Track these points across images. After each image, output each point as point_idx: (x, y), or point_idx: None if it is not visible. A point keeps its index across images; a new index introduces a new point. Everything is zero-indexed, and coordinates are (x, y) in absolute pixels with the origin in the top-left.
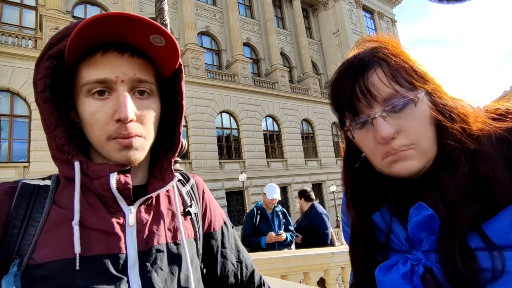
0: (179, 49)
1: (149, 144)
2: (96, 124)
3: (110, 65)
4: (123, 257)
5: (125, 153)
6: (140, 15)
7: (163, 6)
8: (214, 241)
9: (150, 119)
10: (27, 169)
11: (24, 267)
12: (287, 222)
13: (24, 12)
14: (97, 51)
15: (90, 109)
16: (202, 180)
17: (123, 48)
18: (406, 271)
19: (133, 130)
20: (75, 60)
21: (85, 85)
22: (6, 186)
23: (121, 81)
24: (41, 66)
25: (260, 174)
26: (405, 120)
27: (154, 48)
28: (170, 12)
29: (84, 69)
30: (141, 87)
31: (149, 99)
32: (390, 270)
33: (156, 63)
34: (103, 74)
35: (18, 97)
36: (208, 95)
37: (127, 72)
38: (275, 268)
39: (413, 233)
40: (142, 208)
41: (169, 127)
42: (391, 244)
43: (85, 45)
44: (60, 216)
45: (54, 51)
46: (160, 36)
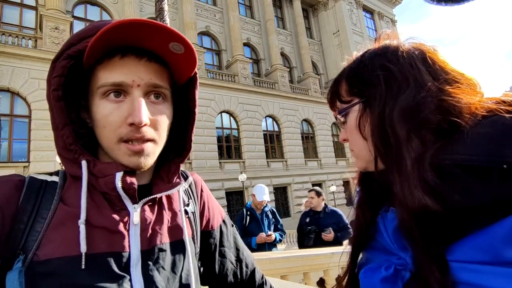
0: (197, 58)
1: (160, 150)
2: (108, 126)
3: (128, 69)
4: (126, 256)
5: (136, 159)
6: (161, 23)
7: (163, 6)
8: (212, 239)
9: (163, 124)
10: (27, 169)
11: (28, 263)
12: (276, 222)
13: (24, 12)
14: (115, 55)
15: (104, 111)
16: (200, 178)
17: (141, 53)
18: (387, 275)
19: (146, 134)
20: (92, 61)
21: (101, 87)
22: (15, 179)
23: (137, 85)
24: (57, 65)
25: (260, 174)
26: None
27: (172, 55)
28: (170, 12)
29: (101, 71)
30: (156, 91)
31: (163, 104)
32: (374, 273)
33: (173, 70)
34: (120, 78)
35: (18, 97)
36: (208, 95)
37: (144, 76)
38: (275, 268)
39: (395, 238)
40: (146, 207)
41: (180, 134)
42: (385, 245)
43: (104, 49)
44: (66, 213)
45: (72, 51)
46: (180, 44)
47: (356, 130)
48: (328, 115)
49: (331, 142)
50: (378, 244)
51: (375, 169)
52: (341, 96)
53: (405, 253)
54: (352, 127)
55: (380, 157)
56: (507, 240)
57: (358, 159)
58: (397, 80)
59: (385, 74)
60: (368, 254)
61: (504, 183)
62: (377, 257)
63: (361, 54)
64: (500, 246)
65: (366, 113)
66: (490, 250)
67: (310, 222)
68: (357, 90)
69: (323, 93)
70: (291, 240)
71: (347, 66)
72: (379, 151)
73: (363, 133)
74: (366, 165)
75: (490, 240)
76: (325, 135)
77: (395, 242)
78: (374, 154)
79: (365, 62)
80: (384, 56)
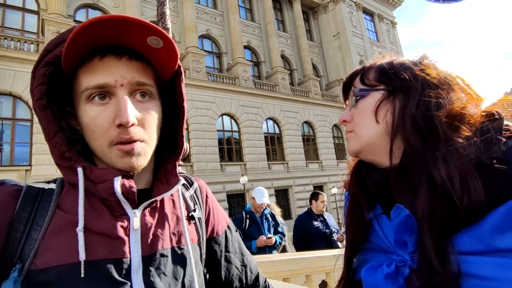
0: (177, 50)
1: (152, 149)
2: (97, 130)
3: (109, 69)
4: (127, 262)
5: (128, 160)
6: (136, 17)
7: (164, 10)
8: (217, 245)
9: (152, 123)
10: (29, 172)
11: (25, 272)
12: (276, 224)
13: (26, 16)
14: (94, 56)
15: (91, 115)
16: (205, 184)
17: (121, 52)
18: (389, 272)
19: (135, 135)
20: (72, 66)
21: (84, 91)
22: (11, 188)
23: (120, 85)
24: (37, 73)
25: (261, 176)
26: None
27: (152, 50)
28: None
29: (83, 75)
30: (141, 89)
31: (150, 101)
32: (376, 270)
33: (155, 65)
34: (101, 79)
35: (20, 100)
36: (209, 98)
37: (126, 75)
38: (277, 270)
39: (397, 235)
40: (146, 211)
41: (171, 131)
42: (382, 245)
43: (81, 50)
44: (63, 220)
45: (50, 57)
46: (157, 37)
47: (371, 113)
48: (328, 117)
49: (332, 144)
50: (373, 245)
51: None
52: (366, 79)
53: (403, 251)
54: (366, 109)
55: (410, 146)
56: (496, 229)
57: (356, 140)
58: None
59: (423, 74)
60: (362, 256)
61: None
62: (374, 257)
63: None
64: (489, 235)
65: (389, 100)
66: (483, 240)
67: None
68: (386, 79)
69: (323, 95)
70: (291, 243)
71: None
72: (409, 141)
73: (378, 117)
74: (362, 148)
75: (482, 230)
76: (326, 137)
77: (396, 240)
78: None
79: (394, 62)
80: (417, 65)
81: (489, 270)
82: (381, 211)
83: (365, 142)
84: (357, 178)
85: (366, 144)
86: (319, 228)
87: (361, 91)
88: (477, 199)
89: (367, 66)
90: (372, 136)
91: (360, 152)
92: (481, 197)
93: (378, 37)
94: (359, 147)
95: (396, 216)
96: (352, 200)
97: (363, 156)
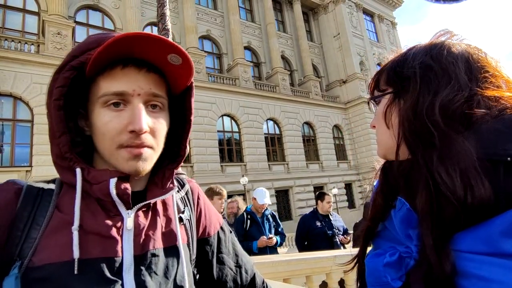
0: (193, 69)
1: (157, 156)
2: (108, 134)
3: (128, 79)
4: (119, 261)
5: (134, 163)
6: (161, 36)
7: (164, 11)
8: (208, 246)
9: (161, 132)
10: (29, 173)
11: (24, 269)
12: (277, 225)
13: (27, 17)
14: (116, 65)
15: (104, 119)
16: (197, 186)
17: (140, 64)
18: (389, 261)
19: (146, 141)
20: (94, 72)
21: (102, 97)
22: (11, 188)
23: (137, 95)
24: (61, 76)
25: (262, 177)
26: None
27: (170, 66)
28: (171, 17)
29: (103, 81)
30: (154, 101)
31: (161, 112)
32: (378, 258)
33: (169, 80)
34: (121, 87)
35: (21, 101)
36: (209, 99)
37: (144, 86)
38: (277, 271)
39: (400, 228)
40: (140, 213)
41: (175, 141)
42: (395, 234)
43: (106, 60)
44: (60, 220)
45: (76, 63)
46: (178, 55)
47: (382, 120)
48: (329, 118)
49: (333, 145)
50: (388, 233)
51: (396, 157)
52: (379, 84)
53: (410, 242)
54: (379, 114)
55: (408, 146)
56: (506, 233)
57: (379, 146)
58: (437, 76)
59: (422, 70)
60: (377, 242)
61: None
62: (384, 245)
63: (409, 48)
64: (499, 238)
65: (395, 103)
66: (490, 241)
67: (323, 225)
68: (392, 81)
69: (324, 95)
70: (291, 244)
71: (392, 57)
72: (407, 141)
73: (388, 122)
74: (385, 152)
75: (491, 232)
76: (326, 137)
77: (400, 230)
78: (398, 142)
79: (407, 57)
80: (429, 53)
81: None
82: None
83: (384, 148)
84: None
85: (386, 149)
86: (321, 229)
87: (373, 99)
88: (483, 198)
89: (382, 67)
90: (387, 141)
91: (385, 156)
92: (487, 195)
93: (378, 38)
94: (382, 153)
95: (399, 209)
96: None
97: (390, 158)
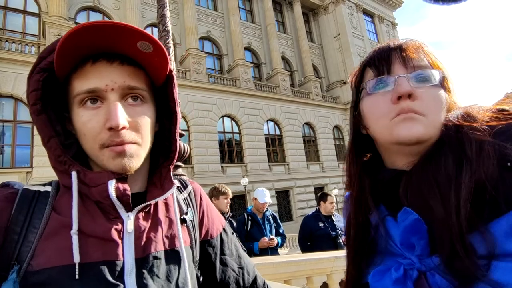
0: (167, 55)
1: (145, 152)
2: (89, 134)
3: (100, 74)
4: (120, 264)
5: (119, 161)
6: (125, 23)
7: (165, 12)
8: (211, 248)
9: (144, 126)
10: (30, 174)
11: (22, 273)
12: (278, 226)
13: (27, 18)
14: (87, 62)
15: (83, 119)
16: (200, 187)
17: (112, 57)
18: (398, 277)
19: (126, 137)
20: (66, 72)
21: (76, 96)
22: (6, 192)
23: (111, 89)
24: (31, 79)
25: (262, 178)
26: (423, 91)
27: (143, 54)
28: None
29: (75, 80)
30: (132, 93)
31: (142, 105)
32: (384, 275)
33: (147, 70)
34: (93, 84)
35: (21, 103)
36: (210, 100)
37: (117, 80)
38: (278, 272)
39: (404, 238)
40: (140, 215)
41: (165, 135)
42: (389, 247)
43: (72, 57)
44: (59, 223)
45: (44, 64)
46: (147, 42)
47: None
48: (329, 118)
49: (333, 145)
50: (378, 247)
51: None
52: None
53: (410, 253)
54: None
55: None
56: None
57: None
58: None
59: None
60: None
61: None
62: (379, 260)
63: None
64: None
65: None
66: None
67: (326, 226)
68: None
69: (324, 96)
70: (292, 244)
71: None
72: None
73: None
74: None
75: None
76: (327, 138)
77: (402, 242)
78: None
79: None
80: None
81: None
82: (387, 213)
83: (433, 134)
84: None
85: (434, 137)
86: (324, 230)
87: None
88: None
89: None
90: (438, 130)
91: (425, 141)
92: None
93: (378, 38)
94: (428, 135)
95: (404, 219)
96: (355, 201)
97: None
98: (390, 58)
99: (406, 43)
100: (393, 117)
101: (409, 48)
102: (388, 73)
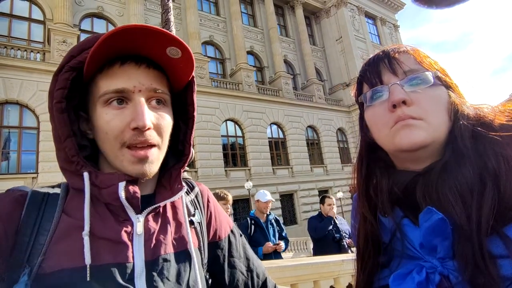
0: (194, 62)
1: (163, 155)
2: (111, 132)
3: (128, 75)
4: (130, 267)
5: (140, 167)
6: (158, 27)
7: (169, 17)
8: (220, 250)
9: (166, 129)
10: (36, 180)
11: (34, 276)
12: (281, 230)
13: (32, 26)
14: (115, 63)
15: (107, 118)
16: (207, 189)
17: (139, 60)
18: (421, 280)
19: (150, 138)
20: (93, 72)
21: (103, 95)
22: (16, 194)
23: (138, 91)
24: (60, 77)
25: (266, 181)
26: (419, 94)
27: (170, 60)
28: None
29: (102, 80)
30: (157, 96)
31: (164, 108)
32: (405, 279)
33: (170, 75)
34: (121, 84)
35: (27, 109)
36: (213, 104)
37: (144, 82)
38: (284, 276)
39: (426, 239)
40: (150, 217)
41: (179, 139)
42: (406, 251)
43: (104, 57)
44: (69, 225)
45: (74, 62)
46: (177, 48)
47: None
48: (332, 121)
49: (337, 148)
50: (393, 251)
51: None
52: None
53: (432, 256)
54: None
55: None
56: None
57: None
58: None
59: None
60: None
61: None
62: (397, 264)
63: None
64: None
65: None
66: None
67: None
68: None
69: (327, 99)
70: (296, 248)
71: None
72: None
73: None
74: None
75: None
76: (331, 141)
77: (423, 245)
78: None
79: None
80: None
81: None
82: (402, 215)
83: (437, 136)
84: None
85: (438, 139)
86: (328, 232)
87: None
88: None
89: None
90: (444, 132)
91: (428, 145)
92: None
93: (380, 41)
94: (431, 138)
95: (426, 220)
96: (364, 205)
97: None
98: (379, 68)
99: (393, 50)
100: (392, 125)
101: (397, 54)
102: (381, 83)
